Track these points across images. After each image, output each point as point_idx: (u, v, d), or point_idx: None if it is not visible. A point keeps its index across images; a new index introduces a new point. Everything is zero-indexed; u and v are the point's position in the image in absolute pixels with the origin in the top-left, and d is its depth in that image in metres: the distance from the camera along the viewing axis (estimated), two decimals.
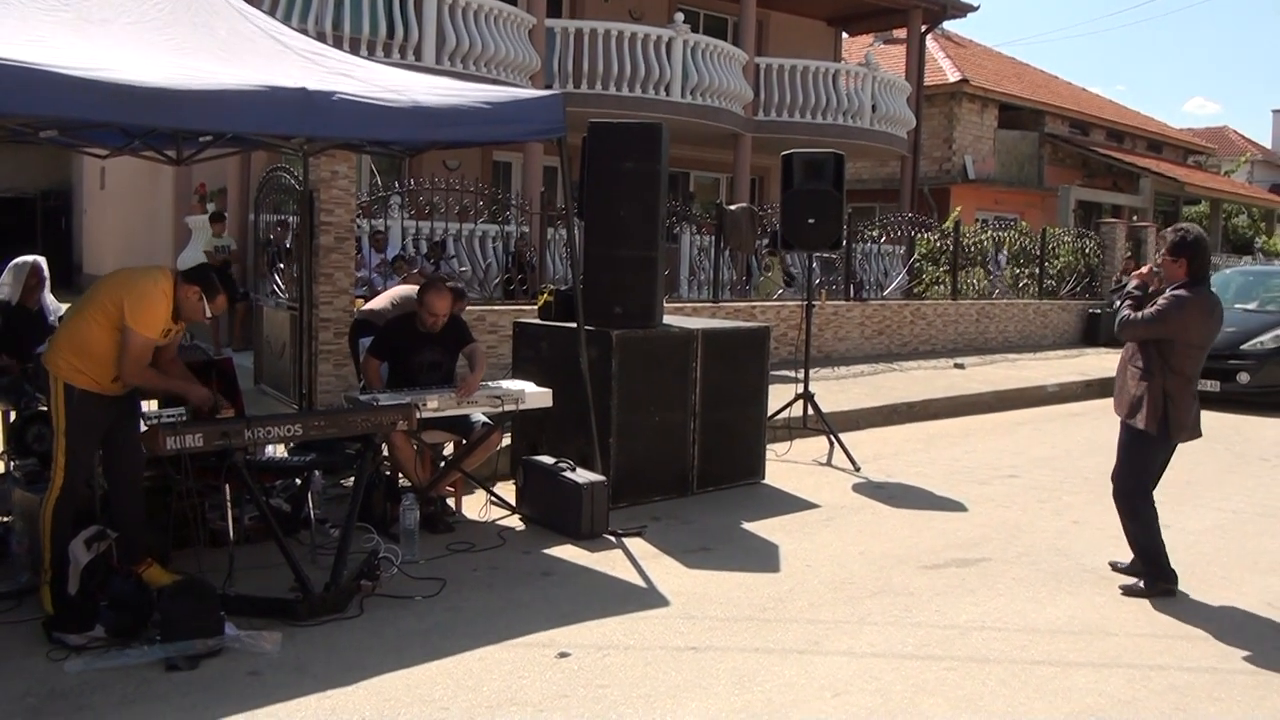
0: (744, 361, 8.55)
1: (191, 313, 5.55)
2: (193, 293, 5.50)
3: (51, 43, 5.13)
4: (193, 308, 5.52)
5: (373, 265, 13.50)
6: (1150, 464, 6.24)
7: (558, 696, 4.63)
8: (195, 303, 5.51)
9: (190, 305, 5.51)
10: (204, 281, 5.56)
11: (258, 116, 5.49)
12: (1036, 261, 21.30)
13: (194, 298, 5.50)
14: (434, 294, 7.27)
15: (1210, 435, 6.65)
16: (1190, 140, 41.72)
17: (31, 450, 6.40)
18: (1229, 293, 15.90)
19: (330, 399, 9.50)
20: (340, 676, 4.73)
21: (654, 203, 7.89)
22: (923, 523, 7.69)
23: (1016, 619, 5.77)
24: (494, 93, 6.85)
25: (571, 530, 6.97)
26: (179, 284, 5.51)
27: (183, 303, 5.50)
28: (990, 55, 35.47)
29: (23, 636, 5.10)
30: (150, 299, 5.38)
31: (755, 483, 8.65)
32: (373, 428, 6.04)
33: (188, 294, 5.50)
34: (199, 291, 5.50)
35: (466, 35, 16.13)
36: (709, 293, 15.83)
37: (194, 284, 5.53)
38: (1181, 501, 8.39)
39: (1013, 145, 32.17)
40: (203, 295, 5.51)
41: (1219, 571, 6.74)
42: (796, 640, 5.37)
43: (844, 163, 9.75)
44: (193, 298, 5.50)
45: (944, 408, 12.72)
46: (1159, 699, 4.80)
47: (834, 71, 22.19)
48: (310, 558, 6.22)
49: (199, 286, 5.52)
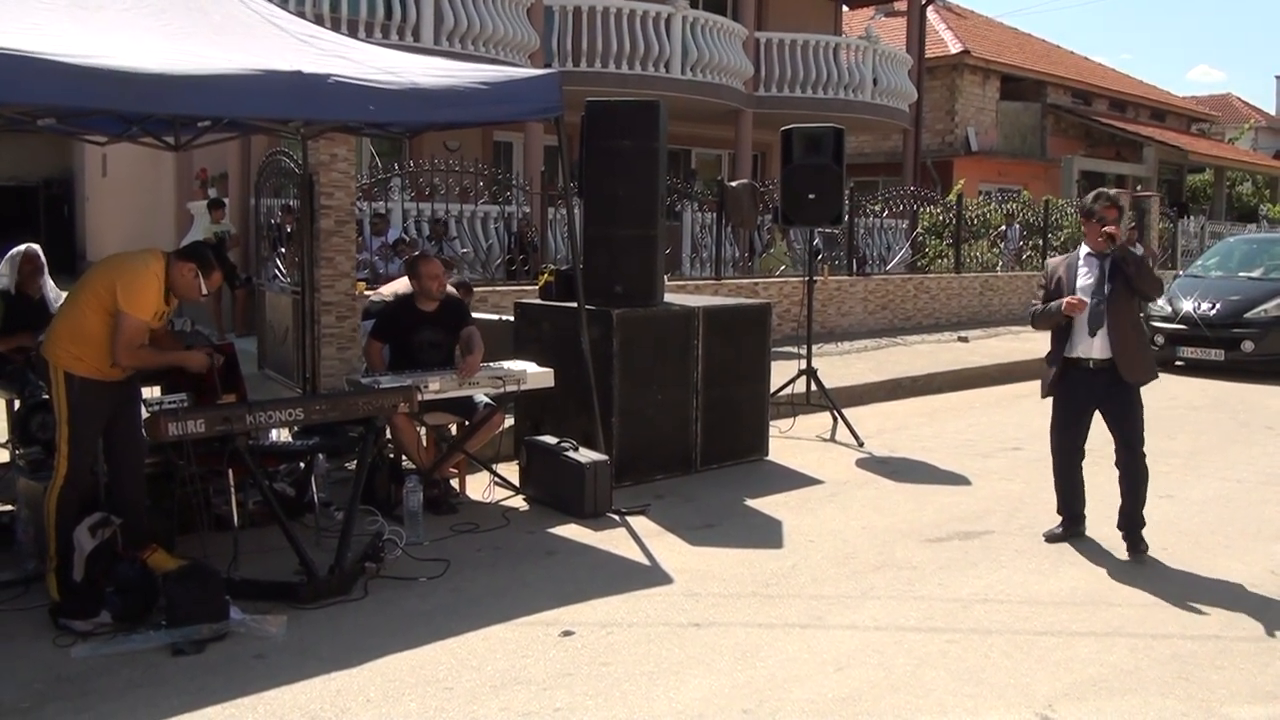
0: (746, 338, 8.55)
1: (188, 290, 5.52)
2: (188, 270, 5.47)
3: (47, 30, 5.12)
4: (188, 285, 5.49)
5: (374, 248, 13.49)
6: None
7: (562, 675, 4.65)
8: (191, 280, 5.48)
9: (186, 283, 5.48)
10: (199, 259, 5.53)
11: (253, 101, 5.49)
12: (1040, 233, 21.25)
13: (189, 275, 5.47)
14: (424, 262, 7.44)
15: (1215, 404, 6.67)
16: (1194, 108, 41.53)
17: (35, 439, 6.41)
18: (1233, 261, 15.88)
19: (333, 382, 9.52)
20: (345, 658, 4.75)
21: (653, 181, 7.87)
22: (926, 497, 7.70)
23: (1019, 591, 5.78)
24: (491, 73, 6.83)
25: (575, 509, 6.98)
26: (172, 263, 5.48)
27: (178, 281, 5.47)
28: (992, 26, 35.29)
29: (29, 623, 5.13)
30: (141, 281, 5.36)
31: (758, 460, 8.66)
32: (375, 410, 6.04)
33: (183, 272, 5.46)
34: (194, 269, 5.48)
35: (464, 15, 16.07)
36: (711, 270, 15.81)
37: (189, 261, 5.50)
38: (1186, 471, 8.40)
39: (1015, 116, 32.05)
40: (198, 272, 5.48)
41: (1222, 540, 6.75)
42: (799, 615, 5.39)
43: (844, 137, 9.73)
44: (188, 275, 5.47)
45: (947, 381, 12.71)
46: (1162, 668, 4.82)
47: (834, 45, 22.10)
48: (314, 541, 6.24)
49: (194, 264, 5.49)
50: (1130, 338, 6.29)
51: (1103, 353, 6.27)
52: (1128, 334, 6.27)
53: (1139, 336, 6.42)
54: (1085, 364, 6.36)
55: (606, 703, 4.40)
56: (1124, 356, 6.24)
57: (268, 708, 4.30)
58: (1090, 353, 6.32)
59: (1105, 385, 6.31)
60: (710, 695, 4.48)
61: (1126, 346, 6.25)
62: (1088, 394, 6.39)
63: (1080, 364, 6.38)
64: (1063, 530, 6.68)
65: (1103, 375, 6.30)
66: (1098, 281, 6.30)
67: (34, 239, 7.86)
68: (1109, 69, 39.55)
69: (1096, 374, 6.33)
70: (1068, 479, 6.66)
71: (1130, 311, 6.34)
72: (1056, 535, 6.67)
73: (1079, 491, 6.67)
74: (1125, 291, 6.25)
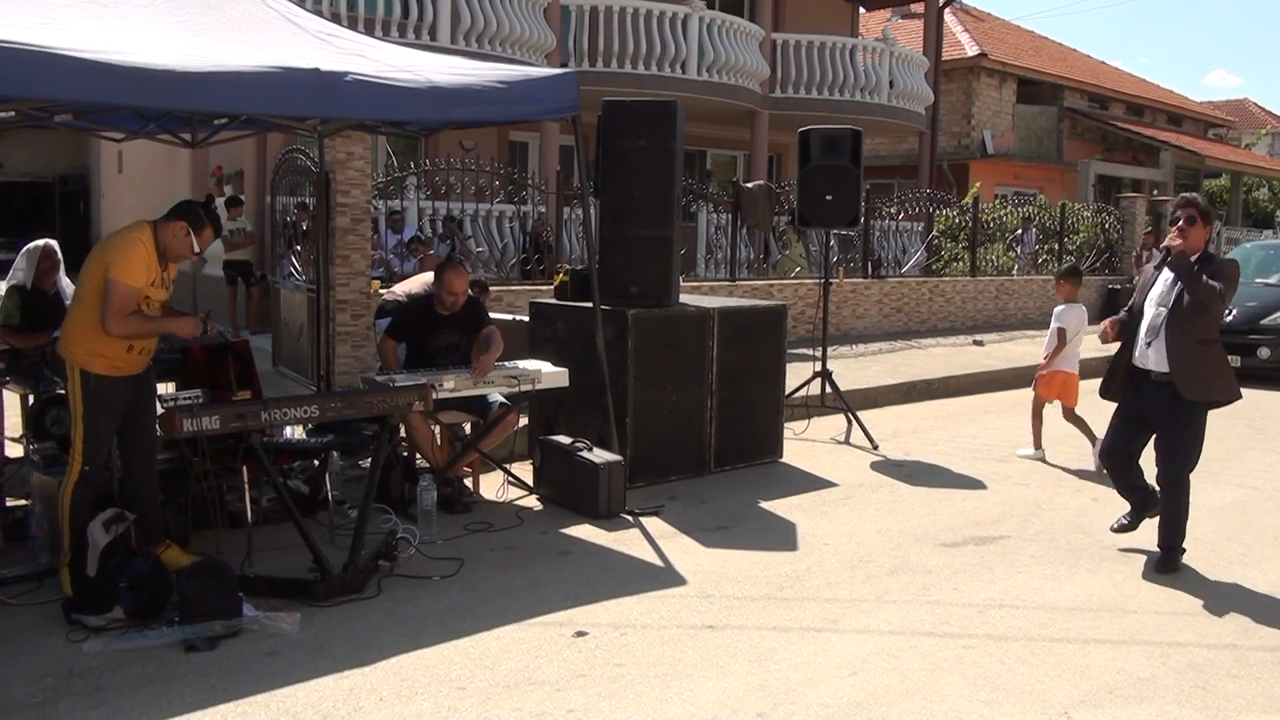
0: (761, 340, 8.53)
1: (180, 249, 5.42)
2: (179, 228, 5.38)
3: (65, 25, 5.12)
4: (180, 244, 5.40)
5: (389, 246, 13.50)
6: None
7: (575, 676, 4.64)
8: (183, 239, 5.39)
9: (179, 242, 5.40)
10: (189, 215, 5.44)
11: (271, 98, 5.48)
12: (1056, 237, 21.18)
13: (180, 233, 5.38)
14: (452, 273, 7.29)
15: (1231, 411, 6.60)
16: (1211, 113, 41.39)
17: (50, 434, 6.42)
18: (1249, 267, 15.74)
19: (348, 380, 9.52)
20: (358, 656, 4.74)
21: (669, 181, 7.85)
22: (941, 501, 7.67)
23: (1035, 597, 5.75)
24: (508, 72, 6.82)
25: (589, 510, 6.97)
26: (161, 226, 5.40)
27: (170, 242, 5.39)
28: (1009, 29, 35.22)
29: (42, 618, 5.13)
30: (128, 249, 5.29)
31: (773, 461, 8.64)
32: (389, 409, 6.03)
33: (174, 231, 5.38)
34: (185, 227, 5.39)
35: (481, 14, 16.08)
36: (726, 271, 15.78)
37: (179, 219, 5.41)
38: (1201, 478, 8.28)
39: (1032, 120, 31.96)
40: (189, 230, 5.39)
41: (1239, 549, 6.71)
42: (814, 619, 5.36)
43: (861, 139, 9.72)
44: (179, 234, 5.38)
45: (963, 385, 12.68)
46: (1178, 676, 4.78)
47: (851, 47, 22.07)
48: (328, 538, 6.24)
49: (184, 221, 5.40)
50: (1191, 352, 5.94)
51: (1159, 365, 6.00)
52: (1189, 348, 5.93)
53: (1204, 351, 6.00)
54: (1148, 375, 6.09)
55: (620, 704, 4.38)
56: (1180, 372, 5.93)
57: (280, 705, 4.29)
58: (1147, 364, 6.07)
59: (1167, 401, 6.02)
60: (724, 698, 4.46)
61: (1184, 361, 5.93)
62: (1148, 406, 6.14)
63: (1146, 375, 6.11)
64: (1129, 520, 6.53)
65: (1165, 390, 6.01)
66: (1167, 293, 6.05)
67: (50, 235, 7.88)
68: (1126, 73, 39.45)
69: (1160, 388, 6.04)
70: (1120, 482, 6.51)
71: (1195, 327, 5.92)
72: (1124, 525, 6.54)
73: (1132, 485, 6.47)
74: (1191, 305, 5.90)
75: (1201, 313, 5.89)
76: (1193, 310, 5.89)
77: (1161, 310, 6.01)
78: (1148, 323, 6.08)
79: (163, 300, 5.53)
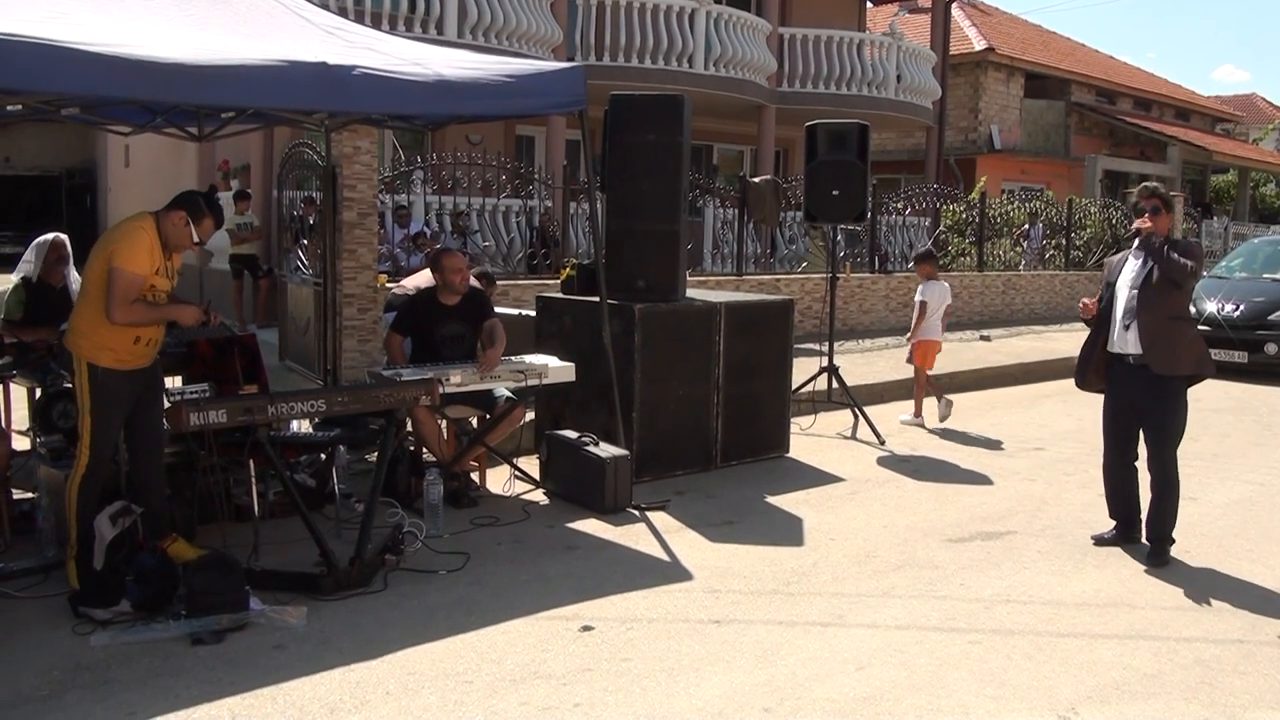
0: (767, 335, 8.52)
1: (180, 239, 5.44)
2: (178, 218, 5.40)
3: (72, 19, 5.12)
4: (180, 234, 5.42)
5: (396, 240, 13.51)
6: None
7: (581, 670, 4.64)
8: (182, 228, 5.41)
9: (178, 232, 5.42)
10: (189, 205, 5.46)
11: (278, 91, 5.47)
12: (1063, 232, 21.13)
13: (180, 223, 5.40)
14: (447, 256, 7.44)
15: (1238, 407, 6.60)
16: (1218, 108, 41.28)
17: (57, 427, 6.44)
18: (1257, 262, 15.76)
19: (354, 374, 9.52)
20: (364, 650, 4.75)
21: (676, 176, 7.84)
22: (947, 496, 7.66)
23: (1041, 592, 5.74)
24: (515, 65, 6.82)
25: (595, 504, 6.97)
26: (162, 216, 5.42)
27: (170, 232, 5.41)
28: (1016, 23, 35.15)
29: (49, 611, 5.14)
30: (131, 237, 5.31)
31: (779, 456, 8.63)
32: (396, 403, 6.03)
33: (174, 221, 5.40)
34: (184, 216, 5.41)
35: (488, 8, 16.06)
36: (733, 266, 15.77)
37: (179, 209, 5.43)
38: (1208, 474, 8.33)
39: (1039, 114, 31.91)
40: (189, 219, 5.41)
41: (1246, 544, 6.69)
42: (820, 613, 5.36)
43: (868, 133, 9.70)
44: (179, 223, 5.40)
45: (969, 380, 12.66)
46: (1185, 672, 4.77)
47: (858, 41, 22.02)
48: (335, 532, 6.25)
49: (184, 211, 5.42)
50: (1163, 328, 6.10)
51: (1137, 347, 6.14)
52: (1161, 325, 6.10)
53: (1176, 328, 6.16)
54: (1126, 360, 6.23)
55: (626, 699, 4.38)
56: (1154, 350, 6.09)
57: (287, 698, 4.30)
58: (1126, 348, 6.20)
59: (1145, 382, 6.15)
60: (730, 693, 4.46)
61: (1157, 338, 6.09)
62: (1130, 391, 6.25)
63: (1123, 360, 6.25)
64: (1113, 535, 6.54)
65: (1143, 372, 6.15)
66: (1138, 275, 6.20)
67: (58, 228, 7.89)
68: (1133, 68, 39.36)
69: (1137, 370, 6.18)
70: (1112, 479, 6.52)
71: (1166, 304, 6.10)
72: (1104, 539, 6.55)
73: (1126, 496, 6.49)
74: (1161, 283, 6.07)
75: (1174, 289, 6.11)
76: (1164, 285, 6.10)
77: (1134, 292, 6.18)
78: (1123, 305, 6.24)
79: (168, 290, 5.53)
